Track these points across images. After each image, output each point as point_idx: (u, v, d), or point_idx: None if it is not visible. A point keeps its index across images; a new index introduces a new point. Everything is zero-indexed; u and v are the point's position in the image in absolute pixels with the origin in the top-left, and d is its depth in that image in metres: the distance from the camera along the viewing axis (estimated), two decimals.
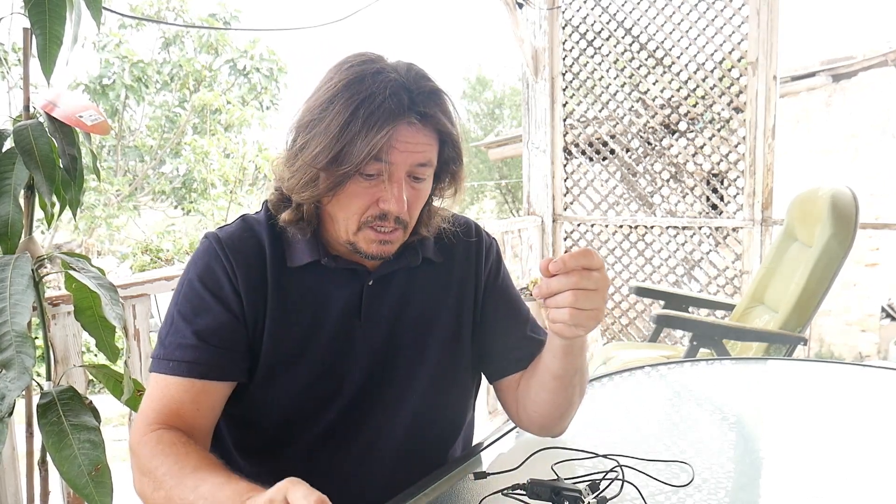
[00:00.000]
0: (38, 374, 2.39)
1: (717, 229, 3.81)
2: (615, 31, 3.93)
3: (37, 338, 2.54)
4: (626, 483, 0.88)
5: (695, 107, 3.78)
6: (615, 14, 3.91)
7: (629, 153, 4.06)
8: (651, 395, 1.35)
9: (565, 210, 4.25)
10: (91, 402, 1.42)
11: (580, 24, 4.03)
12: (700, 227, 3.87)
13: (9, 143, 1.50)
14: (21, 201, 1.51)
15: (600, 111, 4.08)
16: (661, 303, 3.10)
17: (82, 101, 1.71)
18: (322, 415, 0.98)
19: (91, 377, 1.68)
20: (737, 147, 3.67)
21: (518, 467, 0.94)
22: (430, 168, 0.94)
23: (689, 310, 3.05)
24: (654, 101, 3.90)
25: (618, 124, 4.05)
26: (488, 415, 3.47)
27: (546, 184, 4.23)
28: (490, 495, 0.86)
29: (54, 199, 1.50)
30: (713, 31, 3.65)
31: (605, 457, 0.97)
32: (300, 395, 0.97)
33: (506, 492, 0.84)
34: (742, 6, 3.55)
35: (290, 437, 0.99)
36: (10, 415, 1.23)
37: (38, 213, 1.60)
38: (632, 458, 0.97)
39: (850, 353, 6.60)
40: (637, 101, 3.96)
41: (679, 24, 3.73)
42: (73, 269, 1.38)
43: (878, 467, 1.02)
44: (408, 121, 0.88)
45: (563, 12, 4.07)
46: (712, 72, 3.70)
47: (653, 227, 4.01)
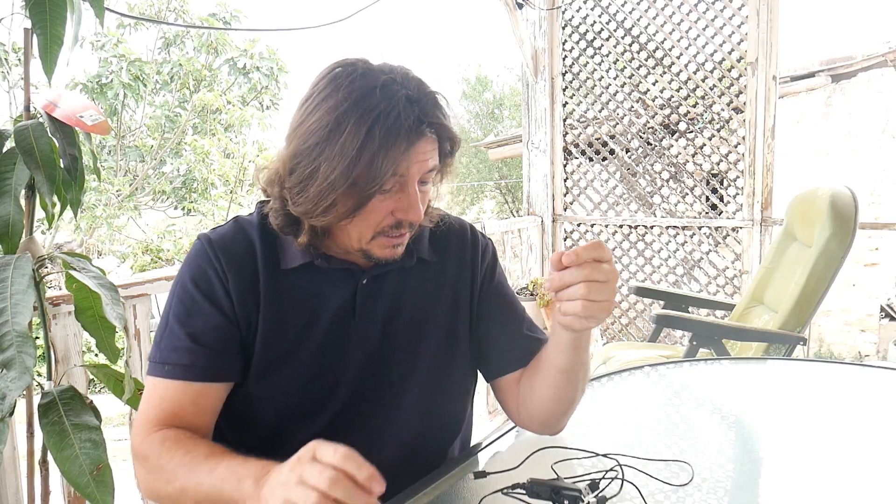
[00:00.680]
0: (39, 374, 2.39)
1: (716, 229, 3.81)
2: (615, 31, 3.94)
3: (37, 338, 2.54)
4: (625, 482, 0.88)
5: (694, 107, 3.78)
6: (615, 14, 3.91)
7: (629, 153, 4.06)
8: (651, 395, 1.35)
9: (565, 210, 4.25)
10: (92, 401, 1.42)
11: (580, 24, 4.04)
12: (700, 227, 3.87)
13: (9, 144, 1.51)
14: (22, 201, 1.51)
15: (600, 111, 4.08)
16: (661, 303, 3.10)
17: (83, 101, 1.71)
18: (318, 414, 0.99)
19: (92, 377, 1.68)
20: (736, 147, 3.67)
21: (517, 467, 0.94)
22: (436, 170, 0.95)
23: (689, 310, 3.05)
24: (653, 101, 3.90)
25: (618, 124, 4.06)
26: (488, 414, 3.47)
27: (546, 184, 4.23)
28: (490, 494, 0.86)
29: (55, 199, 1.51)
30: (713, 31, 3.65)
31: (604, 456, 0.97)
32: (295, 394, 0.98)
33: (506, 491, 0.85)
34: (742, 6, 3.55)
35: (288, 436, 0.99)
36: (11, 414, 1.23)
37: (39, 213, 1.61)
38: (632, 458, 0.97)
39: (849, 352, 6.60)
40: (637, 102, 3.96)
41: (679, 24, 3.74)
42: (74, 269, 1.38)
43: (877, 467, 1.02)
44: (423, 135, 0.88)
45: (563, 12, 4.07)
46: (712, 72, 3.70)
47: (653, 227, 4.01)
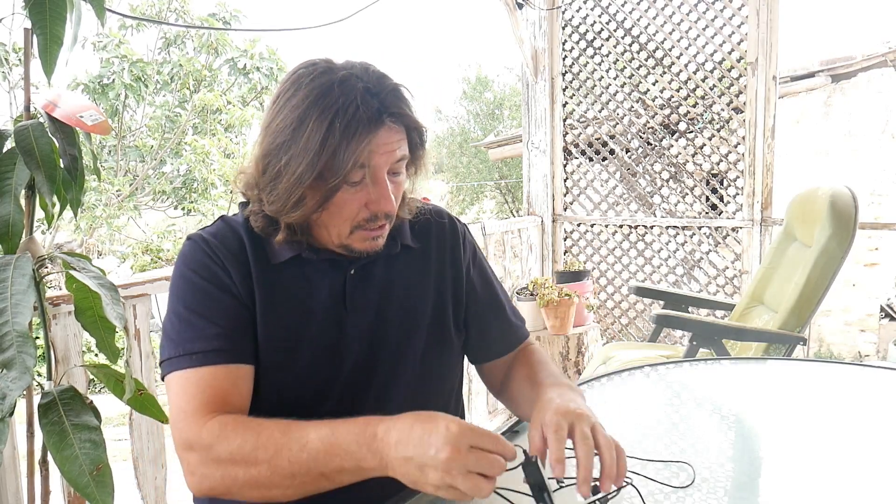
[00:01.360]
0: (39, 374, 2.39)
1: (716, 229, 3.81)
2: (615, 31, 3.94)
3: (38, 338, 2.54)
4: (626, 483, 0.88)
5: (694, 107, 3.78)
6: (615, 14, 3.91)
7: (629, 153, 4.06)
8: (651, 395, 1.35)
9: (565, 210, 4.25)
10: (92, 401, 1.42)
11: (580, 24, 4.04)
12: (700, 227, 3.87)
13: (10, 144, 1.51)
14: (22, 201, 1.51)
15: (600, 111, 4.08)
16: (661, 303, 3.10)
17: (83, 101, 1.71)
18: (320, 402, 1.00)
19: (92, 377, 1.68)
20: (736, 147, 3.67)
21: (517, 467, 0.94)
22: (405, 160, 0.97)
23: (689, 310, 3.05)
24: (653, 101, 3.90)
25: (618, 124, 4.05)
26: (488, 414, 3.47)
27: (546, 184, 4.23)
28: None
29: (55, 199, 1.50)
30: (713, 31, 3.65)
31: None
32: (296, 385, 0.99)
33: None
34: (741, 6, 3.55)
35: None
36: (11, 415, 1.23)
37: (39, 213, 1.61)
38: (631, 458, 0.97)
39: (849, 352, 6.60)
40: (637, 102, 3.96)
41: (679, 24, 3.74)
42: (74, 269, 1.38)
43: (877, 467, 1.02)
44: (384, 125, 0.90)
45: (563, 13, 4.07)
46: (712, 72, 3.70)
47: (652, 227, 4.01)
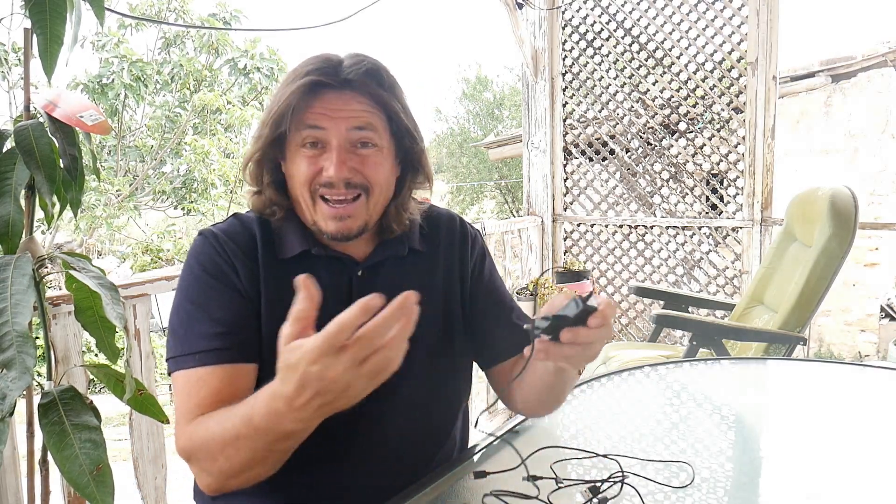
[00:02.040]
0: (39, 374, 2.39)
1: (716, 229, 3.81)
2: (615, 31, 3.94)
3: (37, 337, 2.54)
4: (625, 484, 0.88)
5: (694, 107, 3.78)
6: (615, 14, 3.91)
7: (629, 153, 4.06)
8: (651, 395, 1.35)
9: (565, 210, 4.25)
10: (92, 401, 1.42)
11: (580, 24, 4.03)
12: (700, 227, 3.87)
13: (9, 144, 1.50)
14: (22, 201, 1.51)
15: (600, 111, 4.08)
16: (661, 303, 3.10)
17: (83, 101, 1.71)
18: None
19: (92, 377, 1.68)
20: (736, 147, 3.67)
21: (517, 467, 0.94)
22: (373, 133, 0.97)
23: (689, 310, 3.05)
24: (653, 101, 3.90)
25: (618, 124, 4.05)
26: (488, 415, 3.47)
27: (546, 184, 4.23)
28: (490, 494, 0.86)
29: (55, 199, 1.50)
30: (713, 31, 3.65)
31: (604, 456, 0.97)
32: None
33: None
34: (741, 6, 3.55)
35: None
36: (11, 415, 1.23)
37: (39, 213, 1.60)
38: (631, 459, 0.97)
39: (849, 352, 6.60)
40: (637, 102, 3.96)
41: (679, 24, 3.74)
42: (74, 269, 1.38)
43: (878, 467, 1.02)
44: (332, 88, 0.94)
45: (563, 13, 4.07)
46: (712, 72, 3.70)
47: (653, 227, 4.01)
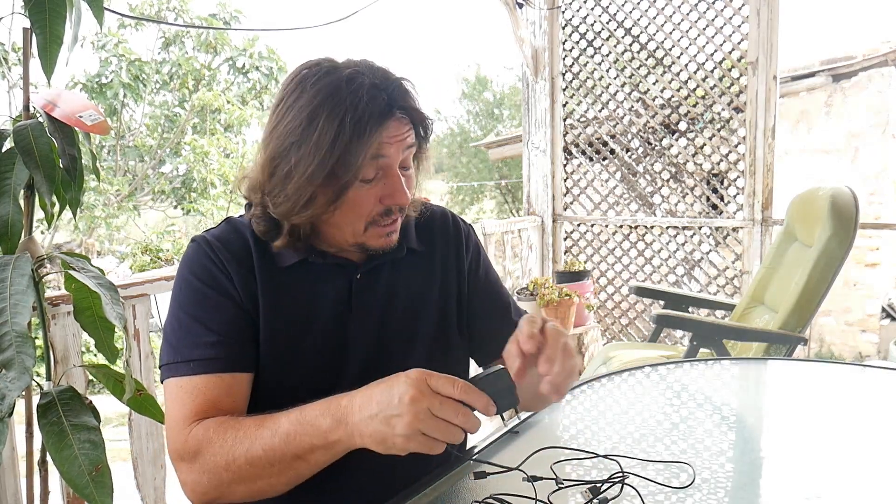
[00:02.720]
0: (38, 374, 2.39)
1: (717, 229, 3.81)
2: (615, 31, 3.93)
3: (37, 338, 2.53)
4: (625, 485, 0.88)
5: (695, 107, 3.78)
6: (615, 14, 3.91)
7: (629, 153, 4.06)
8: (651, 395, 1.35)
9: (565, 210, 4.25)
10: (91, 402, 1.42)
11: (580, 24, 4.03)
12: (700, 227, 3.87)
13: (9, 143, 1.50)
14: (21, 201, 1.51)
15: (600, 111, 4.08)
16: (661, 303, 3.10)
17: (82, 100, 1.71)
18: None
19: (91, 377, 1.68)
20: (737, 147, 3.67)
21: (517, 468, 0.94)
22: (414, 150, 0.98)
23: (689, 310, 3.05)
24: (654, 101, 3.90)
25: (618, 124, 4.05)
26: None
27: (546, 184, 4.23)
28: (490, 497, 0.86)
29: (54, 198, 1.50)
30: (713, 31, 3.65)
31: (605, 457, 0.97)
32: (298, 390, 0.98)
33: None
34: (742, 6, 3.55)
35: None
36: (10, 415, 1.23)
37: (38, 213, 1.60)
38: (632, 459, 0.97)
39: (850, 353, 6.60)
40: (637, 101, 3.96)
41: (679, 24, 3.73)
42: (73, 269, 1.37)
43: (878, 467, 1.02)
44: (394, 117, 0.91)
45: (563, 12, 4.07)
46: (712, 72, 3.70)
47: (653, 227, 4.01)
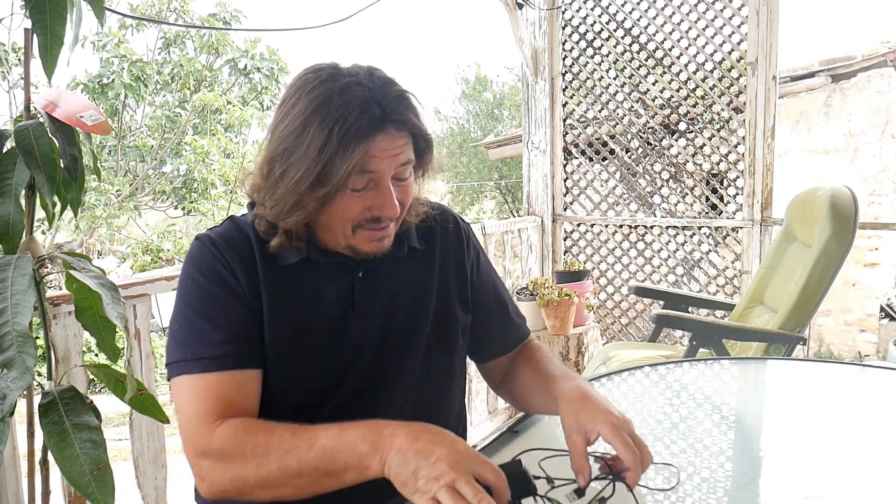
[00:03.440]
0: (39, 374, 2.39)
1: (716, 229, 3.81)
2: (615, 31, 3.93)
3: (38, 337, 2.54)
4: (618, 483, 0.88)
5: (694, 107, 3.78)
6: (615, 14, 3.91)
7: (629, 153, 4.06)
8: (650, 394, 1.35)
9: (565, 210, 4.25)
10: (92, 401, 1.42)
11: (580, 24, 4.03)
12: (700, 227, 3.87)
13: (10, 144, 1.51)
14: (22, 201, 1.51)
15: (600, 111, 4.08)
16: (661, 303, 3.10)
17: (83, 101, 1.71)
18: (324, 403, 1.00)
19: (92, 377, 1.68)
20: (736, 147, 3.67)
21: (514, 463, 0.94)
22: (411, 165, 0.97)
23: (689, 310, 3.05)
24: (653, 101, 3.90)
25: (618, 124, 4.05)
26: (488, 415, 3.47)
27: (546, 184, 4.23)
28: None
29: (55, 199, 1.50)
30: (713, 31, 3.65)
31: (602, 456, 0.97)
32: (301, 385, 0.99)
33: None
34: (741, 6, 3.55)
35: None
36: (12, 414, 1.23)
37: (39, 213, 1.61)
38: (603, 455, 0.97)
39: (849, 352, 6.60)
40: (637, 102, 3.96)
41: (679, 24, 3.74)
42: (74, 269, 1.38)
43: (877, 467, 1.02)
44: (384, 132, 0.90)
45: (563, 13, 4.07)
46: (712, 72, 3.70)
47: (652, 227, 4.01)
